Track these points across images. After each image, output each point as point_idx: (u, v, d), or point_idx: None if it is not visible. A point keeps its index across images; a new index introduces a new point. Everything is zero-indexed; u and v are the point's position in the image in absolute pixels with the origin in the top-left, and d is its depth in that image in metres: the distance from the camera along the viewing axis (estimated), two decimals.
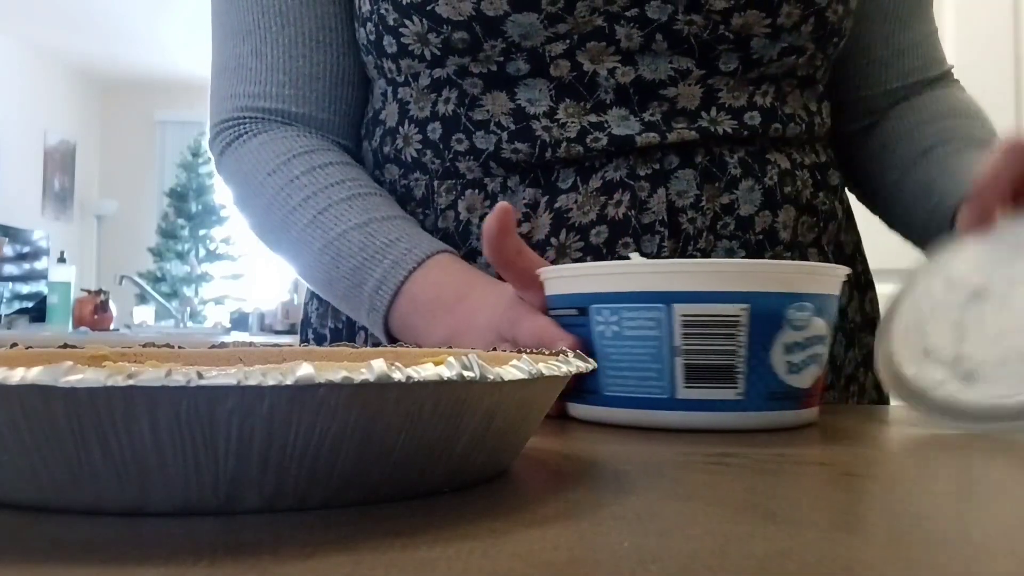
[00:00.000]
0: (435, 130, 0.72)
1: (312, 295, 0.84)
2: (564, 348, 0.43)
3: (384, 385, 0.28)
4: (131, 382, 0.25)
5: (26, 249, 5.59)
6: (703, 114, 0.69)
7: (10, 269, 5.37)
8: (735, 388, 0.52)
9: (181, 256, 6.19)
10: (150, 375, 0.26)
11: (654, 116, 0.69)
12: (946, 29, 1.91)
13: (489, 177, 0.71)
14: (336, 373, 0.27)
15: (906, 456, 0.44)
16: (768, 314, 0.52)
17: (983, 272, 0.57)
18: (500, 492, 0.33)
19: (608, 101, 0.69)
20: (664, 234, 0.68)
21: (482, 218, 0.71)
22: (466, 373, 0.29)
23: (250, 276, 6.35)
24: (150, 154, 6.72)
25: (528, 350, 0.44)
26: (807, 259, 0.74)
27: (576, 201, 0.69)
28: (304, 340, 0.85)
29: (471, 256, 0.72)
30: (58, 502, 0.29)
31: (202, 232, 6.28)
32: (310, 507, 0.30)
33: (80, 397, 0.26)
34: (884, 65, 0.83)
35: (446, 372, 0.29)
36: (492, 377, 0.30)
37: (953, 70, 0.87)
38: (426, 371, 0.29)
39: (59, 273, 4.00)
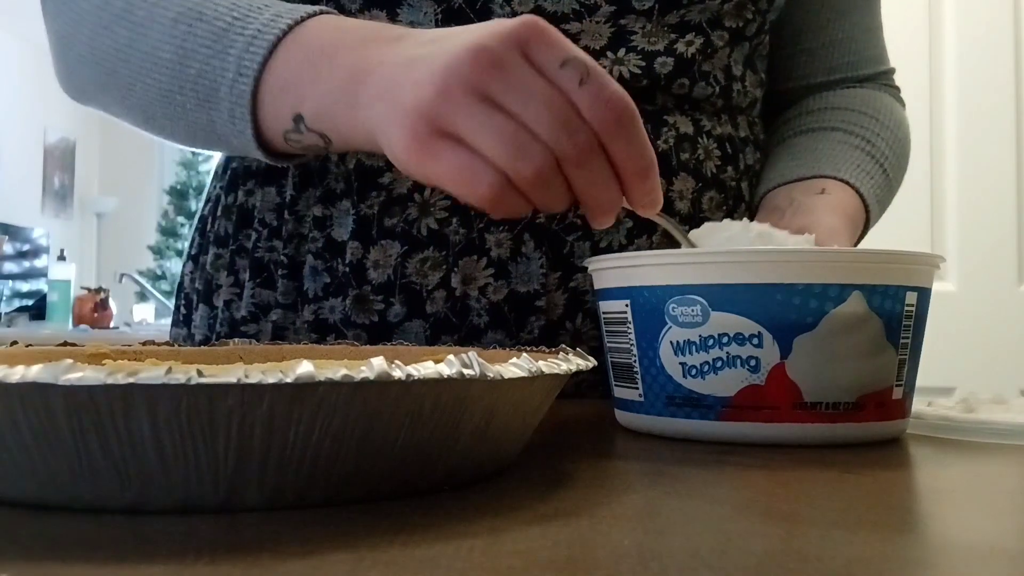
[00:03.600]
0: None
1: (188, 258, 0.77)
2: (564, 346, 0.43)
3: (384, 383, 0.28)
4: (131, 380, 0.25)
5: (26, 247, 5.58)
6: (608, 54, 0.64)
7: (10, 267, 5.37)
8: (636, 389, 0.49)
9: (181, 254, 6.19)
10: (150, 373, 0.26)
11: None
12: (946, 29, 1.91)
13: None
14: (336, 371, 0.27)
15: (906, 456, 0.44)
16: (649, 310, 0.47)
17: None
18: (500, 490, 0.33)
19: None
20: None
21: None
22: (466, 371, 0.29)
23: None
24: (150, 152, 6.71)
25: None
26: None
27: None
28: (177, 308, 0.79)
29: (329, 198, 0.67)
30: (58, 500, 0.29)
31: None
32: (310, 505, 0.30)
33: (80, 395, 0.26)
34: (811, 56, 0.77)
35: (446, 370, 0.29)
36: (492, 375, 0.30)
37: (893, 75, 0.80)
38: (426, 369, 0.29)
39: (59, 271, 3.99)
